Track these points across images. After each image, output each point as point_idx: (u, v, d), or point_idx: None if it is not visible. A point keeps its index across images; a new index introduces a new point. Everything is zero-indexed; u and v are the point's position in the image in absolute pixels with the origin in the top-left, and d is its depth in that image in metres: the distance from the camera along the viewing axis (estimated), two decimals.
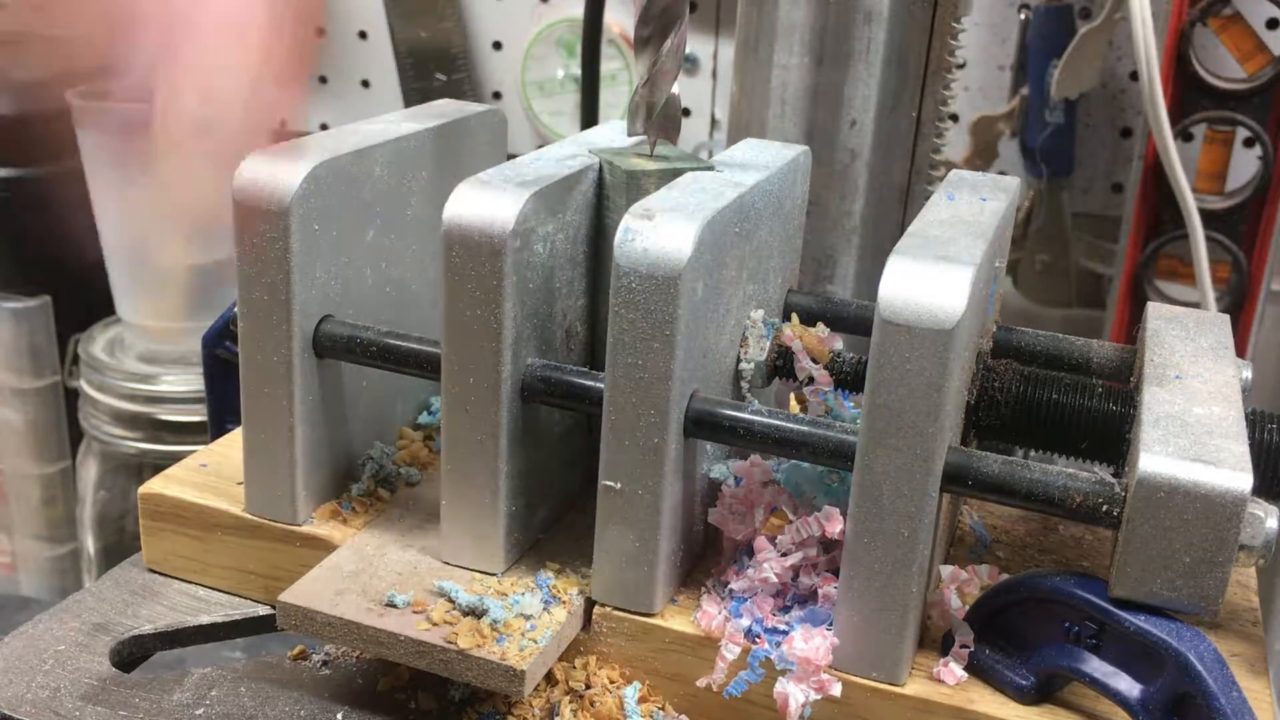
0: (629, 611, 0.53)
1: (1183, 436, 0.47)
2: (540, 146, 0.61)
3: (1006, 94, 1.31)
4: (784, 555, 0.52)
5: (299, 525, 0.58)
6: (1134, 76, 1.26)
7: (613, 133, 0.63)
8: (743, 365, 0.57)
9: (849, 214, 0.81)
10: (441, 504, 0.55)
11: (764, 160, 0.60)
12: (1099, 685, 0.48)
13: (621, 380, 0.50)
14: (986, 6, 1.31)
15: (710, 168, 0.58)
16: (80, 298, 1.40)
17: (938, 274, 0.46)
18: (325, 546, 0.58)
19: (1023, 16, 1.26)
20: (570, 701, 0.52)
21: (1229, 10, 1.09)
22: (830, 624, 0.50)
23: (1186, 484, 0.45)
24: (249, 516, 0.59)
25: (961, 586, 0.52)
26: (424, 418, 0.67)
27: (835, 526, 0.51)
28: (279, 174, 0.54)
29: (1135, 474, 0.45)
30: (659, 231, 0.49)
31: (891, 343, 0.46)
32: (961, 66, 0.84)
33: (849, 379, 0.58)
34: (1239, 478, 0.45)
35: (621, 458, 0.51)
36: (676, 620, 0.53)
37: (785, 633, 0.51)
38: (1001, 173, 1.18)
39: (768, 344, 0.57)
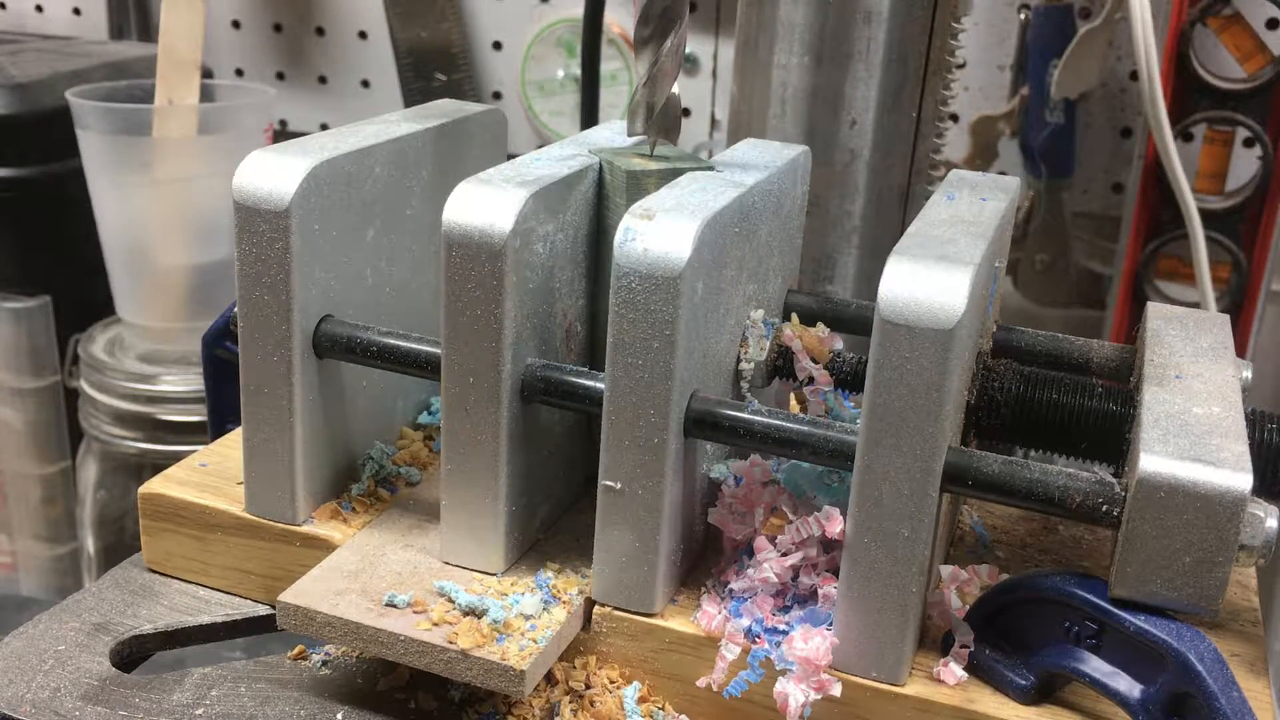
0: (629, 611, 0.53)
1: (1183, 436, 0.47)
2: (540, 146, 0.61)
3: (1006, 94, 1.31)
4: (784, 555, 0.52)
5: (299, 525, 0.58)
6: (1134, 76, 1.26)
7: (613, 133, 0.63)
8: (743, 365, 0.57)
9: (849, 214, 0.81)
10: (441, 504, 0.55)
11: (764, 160, 0.60)
12: (1099, 685, 0.48)
13: (621, 380, 0.50)
14: (986, 6, 1.31)
15: (710, 168, 0.58)
16: (80, 298, 1.40)
17: (938, 274, 0.46)
18: (325, 546, 0.58)
19: (1023, 16, 1.26)
20: (570, 701, 0.52)
21: (1229, 10, 1.09)
22: (830, 624, 0.50)
23: (1186, 484, 0.45)
24: (249, 516, 0.59)
25: (961, 586, 0.52)
26: (424, 418, 0.67)
27: (835, 526, 0.51)
28: (279, 174, 0.54)
29: (1135, 474, 0.45)
30: (659, 231, 0.49)
31: (891, 343, 0.46)
32: (961, 66, 0.84)
33: (849, 379, 0.58)
34: (1239, 478, 0.45)
35: (621, 458, 0.51)
36: (676, 620, 0.53)
37: (785, 633, 0.51)
38: (1001, 173, 1.18)
39: (768, 344, 0.57)
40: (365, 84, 1.61)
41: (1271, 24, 1.19)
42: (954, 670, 0.50)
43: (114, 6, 1.70)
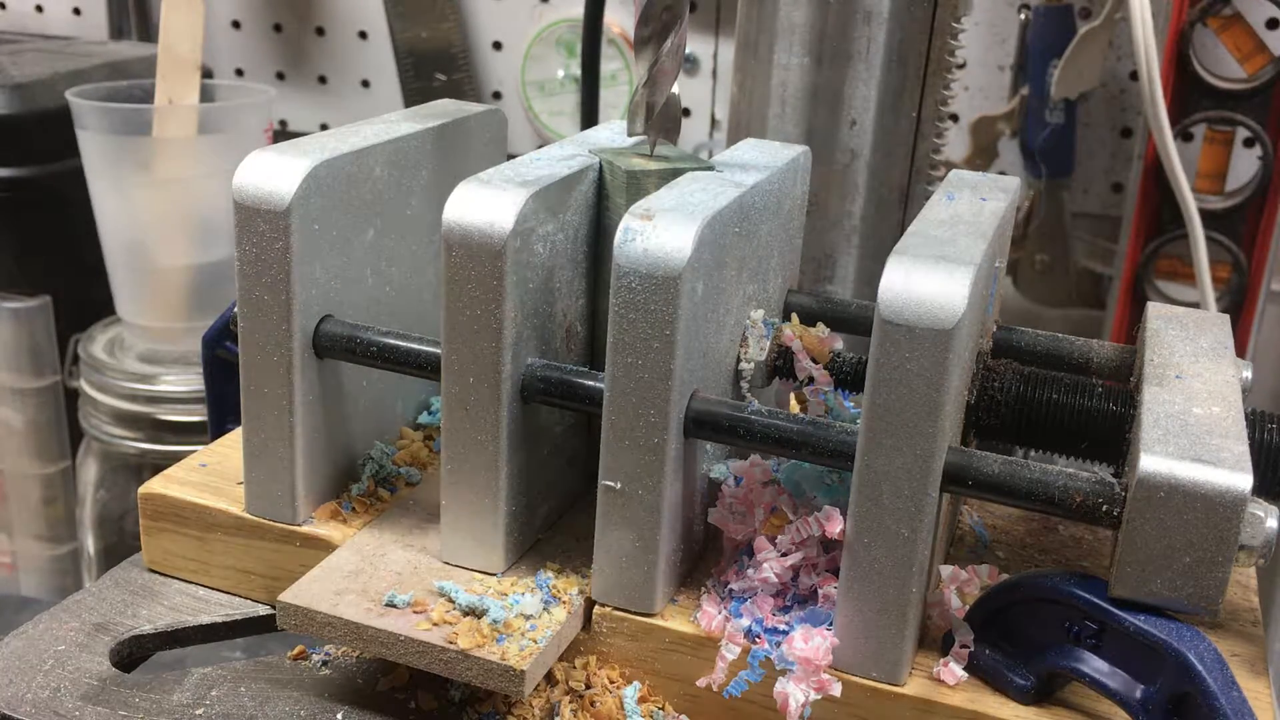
0: (629, 611, 0.53)
1: (1183, 436, 0.47)
2: (540, 146, 0.61)
3: (1006, 94, 1.31)
4: (784, 555, 0.52)
5: (299, 525, 0.58)
6: (1134, 76, 1.26)
7: (613, 133, 0.63)
8: (743, 365, 0.57)
9: (849, 214, 0.81)
10: (441, 504, 0.55)
11: (764, 160, 0.60)
12: (1099, 685, 0.48)
13: (621, 380, 0.50)
14: (986, 6, 1.31)
15: (710, 168, 0.58)
16: (80, 298, 1.40)
17: (938, 274, 0.46)
18: (325, 546, 0.58)
19: (1023, 16, 1.27)
20: (570, 701, 0.52)
21: (1229, 10, 1.09)
22: (830, 624, 0.50)
23: (1186, 484, 0.45)
24: (249, 516, 0.59)
25: (961, 586, 0.52)
26: (424, 418, 0.67)
27: (835, 526, 0.51)
28: (279, 174, 0.54)
29: (1135, 474, 0.45)
30: (659, 231, 0.49)
31: (891, 343, 0.46)
32: (961, 66, 0.84)
33: (849, 379, 0.58)
34: (1239, 478, 0.45)
35: (621, 458, 0.51)
36: (676, 620, 0.53)
37: (785, 633, 0.51)
38: (1001, 173, 1.18)
39: (768, 344, 0.57)
40: (365, 84, 1.61)
41: (1271, 24, 1.19)
42: (954, 670, 0.50)
43: (114, 6, 1.70)
